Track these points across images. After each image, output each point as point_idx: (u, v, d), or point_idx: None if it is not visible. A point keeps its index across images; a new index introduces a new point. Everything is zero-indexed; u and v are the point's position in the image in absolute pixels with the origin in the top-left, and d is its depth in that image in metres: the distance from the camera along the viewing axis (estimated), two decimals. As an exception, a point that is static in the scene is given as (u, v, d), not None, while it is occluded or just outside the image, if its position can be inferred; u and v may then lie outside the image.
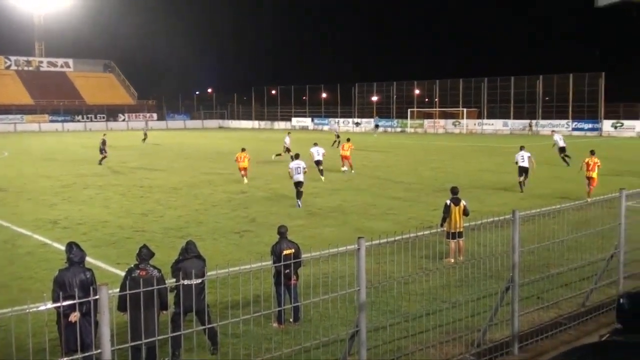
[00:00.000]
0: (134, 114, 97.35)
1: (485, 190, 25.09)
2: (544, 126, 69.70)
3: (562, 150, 34.09)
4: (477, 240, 13.03)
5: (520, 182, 25.13)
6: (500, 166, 34.35)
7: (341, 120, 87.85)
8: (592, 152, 23.90)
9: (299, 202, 21.68)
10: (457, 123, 77.08)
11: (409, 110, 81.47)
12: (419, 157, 40.98)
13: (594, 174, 22.61)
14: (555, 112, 70.44)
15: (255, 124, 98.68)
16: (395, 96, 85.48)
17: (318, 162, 29.01)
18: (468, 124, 76.00)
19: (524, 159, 25.44)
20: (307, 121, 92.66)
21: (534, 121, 69.57)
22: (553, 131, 39.44)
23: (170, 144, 55.53)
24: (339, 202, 22.50)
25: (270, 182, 28.19)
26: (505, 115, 73.93)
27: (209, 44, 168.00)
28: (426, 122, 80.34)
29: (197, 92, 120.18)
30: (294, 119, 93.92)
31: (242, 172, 28.44)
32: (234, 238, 16.82)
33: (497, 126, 73.40)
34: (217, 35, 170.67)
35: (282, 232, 10.24)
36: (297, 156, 24.00)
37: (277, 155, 39.48)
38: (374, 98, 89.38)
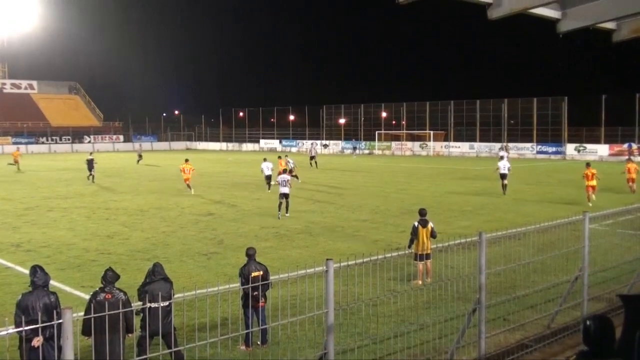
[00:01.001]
0: (99, 136, 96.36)
1: (452, 212, 25.31)
2: (509, 149, 70.78)
3: (503, 176, 31.70)
4: (445, 262, 13.13)
5: (503, 185, 31.00)
6: (467, 188, 34.71)
7: (309, 141, 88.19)
8: (588, 164, 27.93)
9: (280, 215, 23.73)
10: (424, 145, 77.89)
11: (376, 132, 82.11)
12: (386, 179, 41.21)
13: (594, 182, 27.13)
14: (520, 135, 71.49)
15: (223, 145, 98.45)
16: (363, 118, 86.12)
17: (268, 177, 31.27)
18: (435, 147, 76.81)
19: (505, 167, 31.28)
20: (275, 143, 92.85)
21: (509, 144, 69.98)
22: (501, 157, 37.07)
23: (135, 165, 54.98)
24: (307, 224, 22.49)
25: (237, 204, 28.08)
26: (471, 138, 74.88)
27: (176, 66, 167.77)
28: (394, 144, 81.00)
29: (164, 114, 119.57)
30: (262, 141, 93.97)
31: (186, 182, 32.10)
32: (202, 260, 16.69)
33: (464, 149, 74.31)
34: (184, 57, 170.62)
35: (250, 254, 10.21)
36: (284, 171, 27.58)
37: (294, 176, 35.43)
38: (342, 120, 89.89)
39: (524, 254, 10.94)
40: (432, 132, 77.14)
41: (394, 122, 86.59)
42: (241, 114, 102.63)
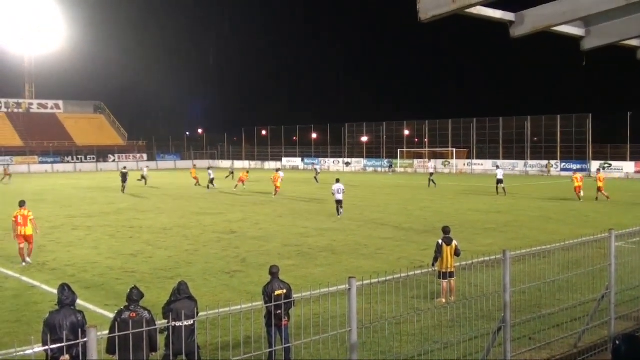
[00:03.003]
0: (124, 155, 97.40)
1: (475, 230, 25.15)
2: (533, 167, 70.27)
3: (499, 181, 41.42)
4: (469, 280, 13.03)
5: (498, 189, 40.97)
6: (490, 206, 34.50)
7: (331, 160, 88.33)
8: (598, 170, 36.19)
9: (340, 212, 29.82)
10: (446, 163, 77.60)
11: (398, 150, 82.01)
12: (408, 197, 41.10)
13: (601, 184, 36.00)
14: (544, 152, 71.01)
15: (245, 163, 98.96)
16: (385, 136, 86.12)
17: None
18: (457, 164, 76.50)
19: (500, 174, 41.59)
20: (297, 161, 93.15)
21: (552, 162, 69.24)
22: (497, 166, 48.95)
23: (160, 184, 55.43)
24: (329, 242, 22.48)
25: (260, 222, 28.15)
26: (494, 156, 74.48)
27: (199, 85, 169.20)
28: (416, 162, 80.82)
29: (187, 133, 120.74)
30: (284, 159, 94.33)
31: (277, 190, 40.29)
32: (225, 278, 16.73)
33: (487, 166, 73.86)
34: (207, 76, 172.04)
35: (274, 272, 10.20)
36: (337, 180, 31.20)
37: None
38: (364, 138, 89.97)
39: (549, 272, 10.83)
40: (454, 149, 76.88)
41: (416, 139, 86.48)
42: (264, 132, 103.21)
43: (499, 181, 41.37)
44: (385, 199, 39.70)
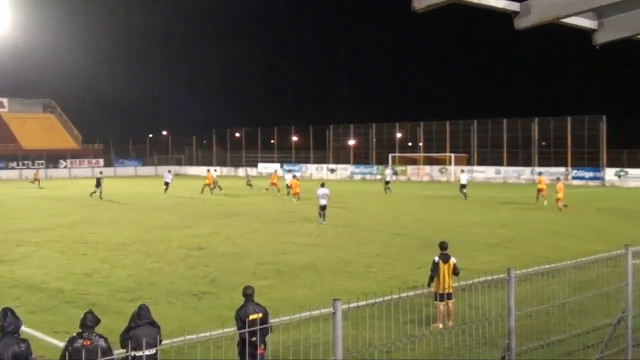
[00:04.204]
0: (77, 160, 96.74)
1: (476, 245, 25.25)
2: (541, 174, 70.58)
3: (462, 186, 47.00)
4: (468, 302, 13.06)
5: (463, 193, 46.12)
6: (492, 218, 34.68)
7: (314, 166, 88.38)
8: (558, 179, 40.83)
9: (322, 218, 32.10)
10: (444, 170, 77.87)
11: (390, 155, 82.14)
12: (401, 208, 41.19)
13: (560, 194, 37.60)
14: (553, 158, 71.45)
15: (216, 170, 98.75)
16: (374, 140, 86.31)
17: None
18: (456, 171, 76.76)
19: (464, 178, 47.87)
20: (275, 167, 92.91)
21: (569, 168, 69.59)
22: (462, 170, 55.58)
23: (118, 193, 55.16)
24: (312, 259, 22.46)
25: (232, 237, 28.08)
26: (497, 162, 74.90)
27: (164, 82, 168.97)
28: (409, 168, 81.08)
29: (150, 135, 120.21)
30: (260, 165, 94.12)
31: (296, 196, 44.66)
32: (192, 301, 16.66)
33: (489, 173, 74.28)
34: (172, 72, 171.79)
35: (248, 293, 10.18)
36: (322, 185, 33.61)
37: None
38: (351, 142, 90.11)
39: (558, 293, 10.89)
40: (452, 154, 77.18)
41: (409, 143, 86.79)
42: (237, 134, 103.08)
43: (462, 186, 47.12)
44: (374, 211, 39.77)
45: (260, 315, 9.92)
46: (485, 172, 74.81)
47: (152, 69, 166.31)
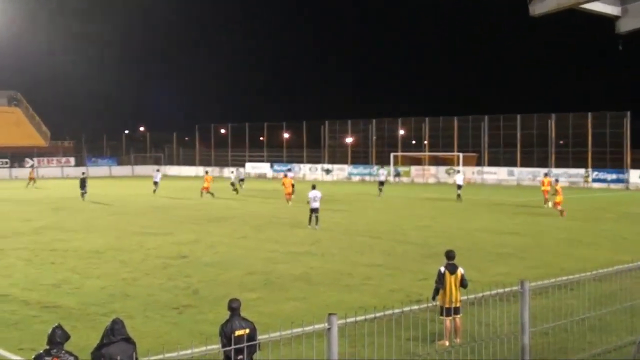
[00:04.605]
0: (45, 158, 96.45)
1: (486, 254, 25.27)
2: (558, 175, 70.67)
3: (459, 187, 49.90)
4: (478, 317, 13.06)
5: (458, 194, 48.97)
6: (505, 225, 34.71)
7: (307, 166, 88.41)
8: (557, 180, 42.45)
9: (310, 225, 32.61)
10: (451, 171, 77.88)
11: (391, 154, 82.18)
12: (403, 213, 41.21)
13: (559, 198, 38.18)
14: (571, 158, 71.49)
15: (199, 170, 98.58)
16: (374, 137, 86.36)
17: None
18: (465, 172, 76.81)
19: (460, 179, 50.91)
20: (264, 167, 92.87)
21: (589, 170, 69.56)
22: (457, 170, 59.78)
23: (91, 195, 55.07)
24: (304, 269, 22.44)
25: (217, 244, 28.06)
26: (510, 162, 75.01)
27: (141, 72, 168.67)
28: (413, 169, 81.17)
29: (126, 131, 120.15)
30: (248, 165, 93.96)
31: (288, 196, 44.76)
32: (172, 315, 16.63)
33: (501, 175, 74.38)
34: (150, 62, 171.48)
35: (233, 307, 10.16)
36: (314, 187, 34.27)
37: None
38: (349, 139, 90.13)
39: (577, 308, 10.92)
40: (461, 154, 77.23)
41: (413, 141, 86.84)
42: (222, 131, 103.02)
43: (458, 187, 50.11)
44: (374, 216, 39.78)
45: (247, 331, 9.90)
46: (497, 174, 74.94)
47: (128, 58, 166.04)
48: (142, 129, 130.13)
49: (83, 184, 50.89)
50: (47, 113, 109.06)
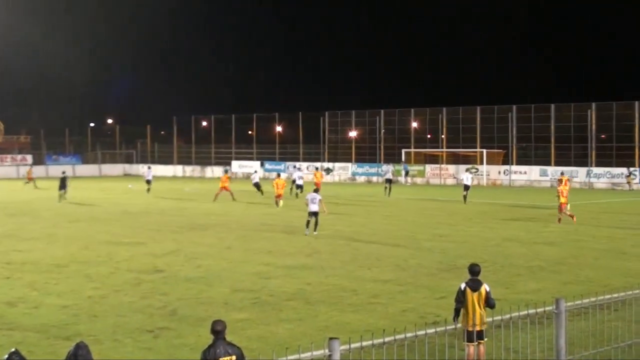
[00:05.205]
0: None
1: (515, 268, 25.23)
2: (599, 176, 70.55)
3: (466, 187, 51.44)
4: (505, 343, 13.05)
5: (464, 196, 50.61)
6: (537, 234, 34.67)
7: (305, 164, 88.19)
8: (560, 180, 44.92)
9: (307, 231, 33.31)
10: (473, 170, 77.76)
11: (403, 151, 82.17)
12: (417, 220, 41.17)
13: (564, 199, 38.89)
14: (615, 155, 71.33)
15: (177, 170, 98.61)
16: (383, 131, 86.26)
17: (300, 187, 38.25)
18: (489, 172, 76.78)
19: (467, 179, 52.43)
20: (254, 165, 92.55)
21: (634, 169, 69.17)
22: (466, 169, 62.89)
23: (51, 198, 55.06)
24: (301, 286, 22.41)
25: (199, 256, 28.04)
26: (542, 160, 74.99)
27: (110, 57, 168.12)
28: (428, 168, 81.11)
29: (91, 124, 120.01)
30: (235, 163, 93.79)
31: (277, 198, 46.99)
32: (145, 339, 16.61)
33: (532, 175, 74.26)
34: (119, 43, 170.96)
35: (217, 330, 10.14)
36: (316, 190, 35.43)
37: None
38: (353, 133, 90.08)
39: (623, 332, 10.90)
40: (484, 150, 77.20)
41: (429, 135, 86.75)
42: (204, 123, 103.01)
43: (466, 187, 51.64)
44: (382, 223, 39.76)
45: (233, 358, 9.90)
46: (528, 174, 74.86)
47: (93, 40, 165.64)
48: (110, 121, 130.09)
49: (63, 183, 52.60)
50: (1, 103, 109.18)
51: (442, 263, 26.35)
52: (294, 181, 57.33)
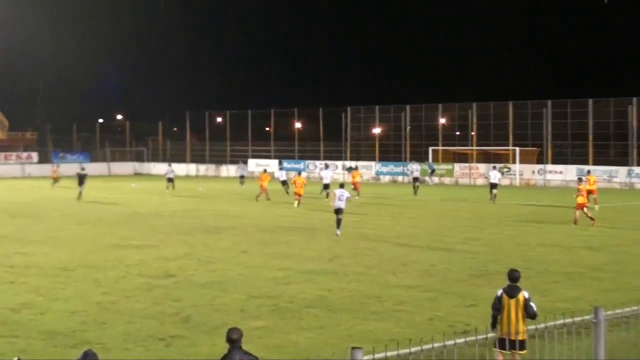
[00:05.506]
0: (2, 154, 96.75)
1: (550, 275, 25.13)
2: (589, 172, 69.95)
3: (493, 186, 53.19)
4: (540, 354, 12.99)
5: (492, 195, 52.09)
6: (575, 238, 34.51)
7: (325, 163, 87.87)
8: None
9: (339, 231, 33.99)
10: (505, 170, 77.46)
11: (430, 149, 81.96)
12: (446, 222, 41.07)
13: (582, 199, 39.70)
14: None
15: (191, 168, 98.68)
16: (409, 127, 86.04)
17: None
18: (523, 171, 76.48)
19: (495, 177, 53.58)
20: (272, 164, 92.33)
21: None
22: (494, 167, 61.42)
23: (57, 199, 55.34)
24: (321, 292, 22.41)
25: (213, 260, 28.08)
26: (579, 159, 74.48)
27: (120, 50, 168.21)
28: (457, 167, 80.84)
29: (100, 120, 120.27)
30: (251, 162, 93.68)
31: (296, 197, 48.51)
32: (157, 348, 16.65)
33: (569, 175, 73.73)
34: (131, 38, 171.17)
35: (233, 339, 10.15)
36: (341, 185, 36.90)
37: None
38: (377, 130, 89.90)
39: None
40: (517, 148, 76.91)
41: (458, 132, 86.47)
42: (219, 119, 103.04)
43: (493, 185, 53.40)
44: (409, 225, 39.71)
45: (250, 368, 9.90)
46: (564, 173, 74.44)
47: (101, 32, 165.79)
48: (119, 117, 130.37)
49: (82, 180, 54.82)
50: (5, 99, 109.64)
51: (473, 268, 26.29)
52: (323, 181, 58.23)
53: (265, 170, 59.40)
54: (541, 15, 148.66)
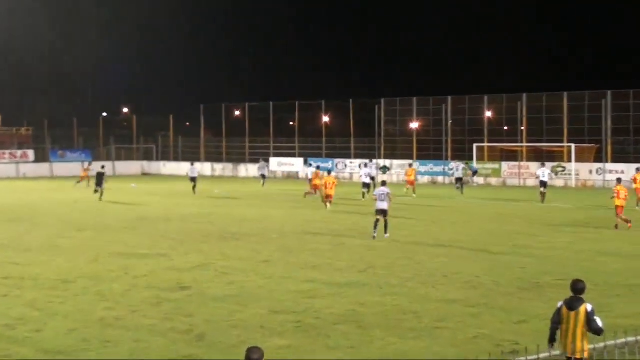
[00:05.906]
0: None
1: (612, 288, 25.01)
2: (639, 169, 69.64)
3: (543, 184, 55.31)
4: (600, 376, 12.97)
5: (541, 194, 54.54)
6: (638, 247, 34.30)
7: (356, 162, 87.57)
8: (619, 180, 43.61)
9: (375, 234, 35.22)
10: (560, 169, 77.17)
11: (474, 145, 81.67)
12: (492, 228, 40.97)
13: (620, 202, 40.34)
14: None
15: (205, 168, 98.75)
16: (450, 122, 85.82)
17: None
18: (579, 171, 76.08)
19: (544, 174, 55.53)
20: (296, 163, 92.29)
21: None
22: (542, 164, 62.94)
23: (56, 201, 55.61)
24: (352, 306, 22.41)
25: (231, 271, 28.14)
26: (643, 157, 74.23)
27: (126, 39, 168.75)
28: (505, 166, 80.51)
29: (104, 114, 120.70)
30: (273, 160, 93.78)
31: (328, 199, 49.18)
32: (168, 370, 16.71)
33: (631, 174, 73.14)
34: (135, 23, 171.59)
35: (254, 359, 10.18)
36: (383, 183, 38.43)
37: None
38: (414, 125, 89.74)
39: None
40: (573, 145, 76.52)
41: (505, 127, 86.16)
42: (237, 112, 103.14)
43: (543, 184, 55.62)
44: (450, 231, 39.65)
45: (273, 392, 9.93)
46: (626, 173, 73.89)
47: (103, 17, 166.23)
48: (125, 110, 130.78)
49: (100, 179, 58.14)
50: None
51: (522, 280, 26.20)
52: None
53: (318, 167, 61.69)
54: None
